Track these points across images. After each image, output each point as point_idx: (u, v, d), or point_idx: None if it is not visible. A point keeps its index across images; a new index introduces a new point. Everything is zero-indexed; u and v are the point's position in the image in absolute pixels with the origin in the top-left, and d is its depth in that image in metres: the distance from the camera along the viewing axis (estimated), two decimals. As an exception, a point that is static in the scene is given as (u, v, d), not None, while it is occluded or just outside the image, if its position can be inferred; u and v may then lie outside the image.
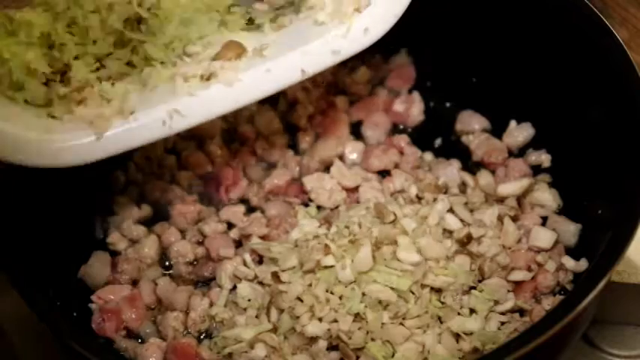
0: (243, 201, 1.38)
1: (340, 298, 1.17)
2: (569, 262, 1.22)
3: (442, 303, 1.18)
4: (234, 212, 1.35)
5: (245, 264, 1.26)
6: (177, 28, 1.17)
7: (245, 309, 1.21)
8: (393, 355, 1.14)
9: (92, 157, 1.13)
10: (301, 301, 1.16)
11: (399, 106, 1.47)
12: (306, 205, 1.34)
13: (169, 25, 1.17)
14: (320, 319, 1.15)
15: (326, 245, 1.19)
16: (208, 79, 1.15)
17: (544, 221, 1.29)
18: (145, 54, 1.16)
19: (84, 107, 1.13)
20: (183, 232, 1.33)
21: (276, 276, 1.19)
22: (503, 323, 1.18)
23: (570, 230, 1.26)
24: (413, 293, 1.17)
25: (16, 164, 1.11)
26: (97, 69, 1.16)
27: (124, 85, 1.15)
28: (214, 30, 1.19)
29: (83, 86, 1.14)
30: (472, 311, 1.19)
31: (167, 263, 1.32)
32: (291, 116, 1.46)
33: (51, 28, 1.15)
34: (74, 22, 1.17)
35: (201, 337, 1.22)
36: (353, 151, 1.42)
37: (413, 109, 1.47)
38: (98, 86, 1.14)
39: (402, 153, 1.41)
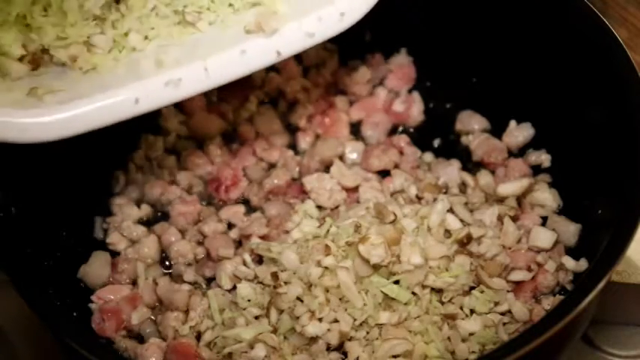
0: (243, 201, 1.38)
1: (340, 299, 1.17)
2: (569, 262, 1.22)
3: (442, 304, 1.18)
4: (234, 212, 1.35)
5: (245, 264, 1.26)
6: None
7: (245, 309, 1.21)
8: (394, 356, 1.14)
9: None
10: (301, 301, 1.17)
11: (399, 106, 1.47)
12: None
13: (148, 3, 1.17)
14: (320, 320, 1.15)
15: (326, 245, 1.19)
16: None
17: (544, 221, 1.29)
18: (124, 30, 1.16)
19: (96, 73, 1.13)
20: (183, 232, 1.33)
21: (275, 276, 1.19)
22: (504, 324, 1.18)
23: (570, 230, 1.26)
24: (414, 294, 1.17)
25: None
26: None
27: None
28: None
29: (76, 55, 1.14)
30: (472, 312, 1.19)
31: (167, 263, 1.32)
32: (291, 116, 1.46)
33: (27, 10, 1.14)
34: (49, 5, 1.15)
35: (201, 337, 1.22)
36: (353, 151, 1.42)
37: (413, 109, 1.47)
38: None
39: (402, 153, 1.41)
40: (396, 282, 1.17)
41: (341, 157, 1.41)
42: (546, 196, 1.31)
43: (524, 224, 1.28)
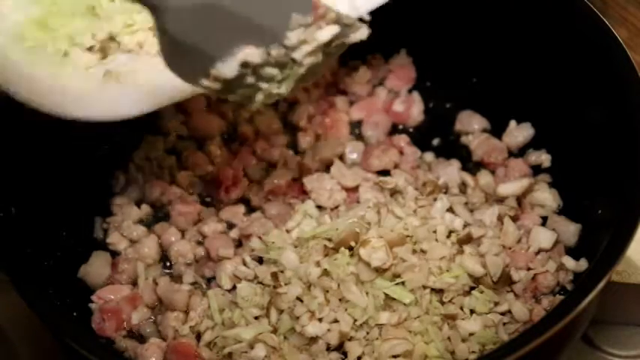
0: (243, 201, 1.38)
1: (340, 299, 1.17)
2: (569, 262, 1.22)
3: (443, 304, 1.18)
4: (234, 212, 1.35)
5: (245, 264, 1.26)
6: None
7: (245, 309, 1.21)
8: (394, 356, 1.14)
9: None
10: (301, 301, 1.16)
11: (399, 106, 1.47)
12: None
13: None
14: (320, 320, 1.15)
15: (325, 246, 1.19)
16: None
17: (544, 221, 1.29)
18: None
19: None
20: (183, 232, 1.33)
21: (275, 276, 1.19)
22: (504, 324, 1.18)
23: (570, 230, 1.26)
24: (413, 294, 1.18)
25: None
26: None
27: None
28: None
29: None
30: (472, 312, 1.19)
31: (167, 263, 1.32)
32: (291, 116, 1.46)
33: (96, 0, 1.15)
34: None
35: (201, 337, 1.22)
36: (353, 151, 1.42)
37: (413, 109, 1.47)
38: None
39: (402, 153, 1.41)
40: (398, 283, 1.17)
41: (341, 157, 1.41)
42: (546, 196, 1.31)
43: (524, 224, 1.28)
